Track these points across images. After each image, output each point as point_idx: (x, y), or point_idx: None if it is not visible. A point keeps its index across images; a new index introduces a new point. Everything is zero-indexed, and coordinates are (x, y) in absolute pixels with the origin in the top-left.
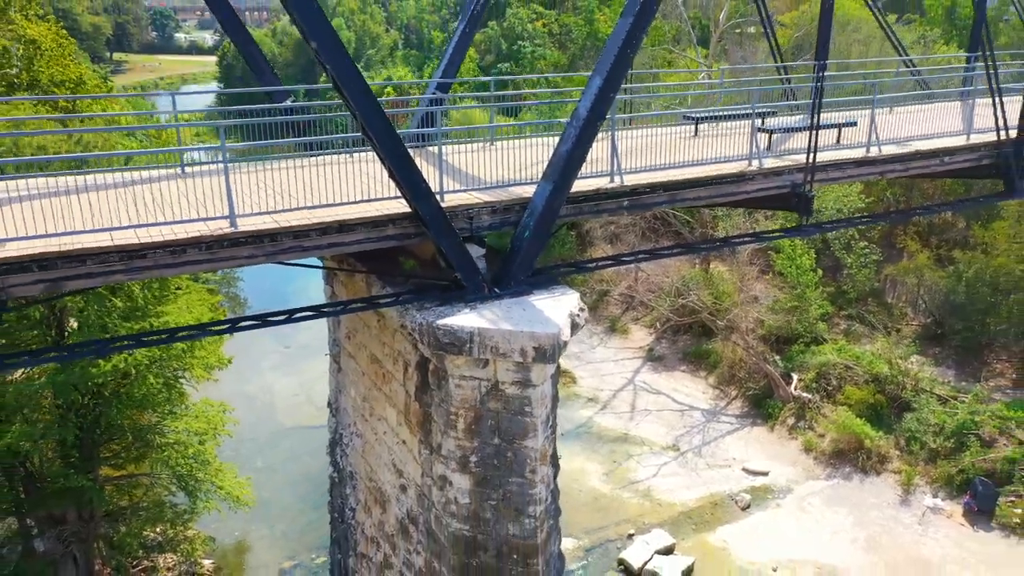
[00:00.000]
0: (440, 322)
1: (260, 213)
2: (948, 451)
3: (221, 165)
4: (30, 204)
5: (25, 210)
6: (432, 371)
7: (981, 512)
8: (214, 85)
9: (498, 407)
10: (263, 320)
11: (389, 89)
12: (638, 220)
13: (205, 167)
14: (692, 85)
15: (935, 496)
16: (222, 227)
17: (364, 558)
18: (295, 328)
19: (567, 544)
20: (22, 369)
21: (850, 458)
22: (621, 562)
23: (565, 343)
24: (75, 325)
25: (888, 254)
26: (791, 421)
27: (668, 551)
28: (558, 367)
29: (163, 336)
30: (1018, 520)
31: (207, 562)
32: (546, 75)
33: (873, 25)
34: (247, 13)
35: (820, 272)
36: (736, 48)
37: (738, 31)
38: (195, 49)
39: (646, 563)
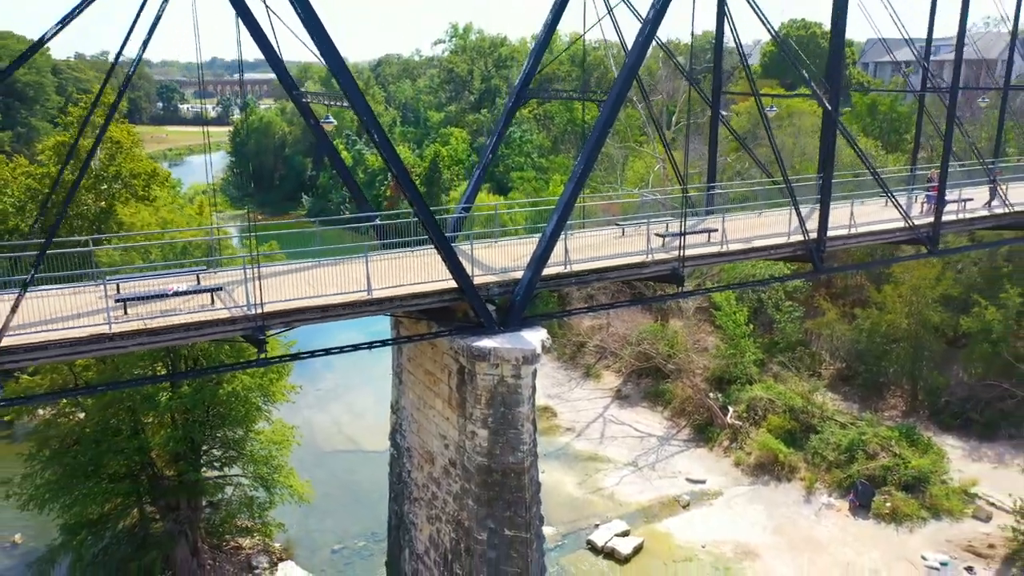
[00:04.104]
0: (473, 344)
1: (382, 288)
2: (841, 462)
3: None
4: (281, 279)
5: (278, 284)
6: (467, 373)
7: (862, 506)
8: (222, 155)
9: (503, 390)
10: (368, 345)
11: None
12: (608, 284)
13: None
14: (639, 192)
15: (829, 496)
16: (362, 296)
17: (417, 500)
18: (324, 375)
19: (548, 532)
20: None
21: (768, 469)
22: (589, 542)
23: (539, 355)
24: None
25: (811, 312)
26: (726, 443)
27: (624, 535)
28: (535, 370)
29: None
30: (887, 511)
31: (276, 544)
32: (531, 155)
33: (815, 118)
34: (249, 87)
35: (753, 326)
36: (693, 137)
37: (697, 121)
38: (199, 120)
39: (607, 542)
